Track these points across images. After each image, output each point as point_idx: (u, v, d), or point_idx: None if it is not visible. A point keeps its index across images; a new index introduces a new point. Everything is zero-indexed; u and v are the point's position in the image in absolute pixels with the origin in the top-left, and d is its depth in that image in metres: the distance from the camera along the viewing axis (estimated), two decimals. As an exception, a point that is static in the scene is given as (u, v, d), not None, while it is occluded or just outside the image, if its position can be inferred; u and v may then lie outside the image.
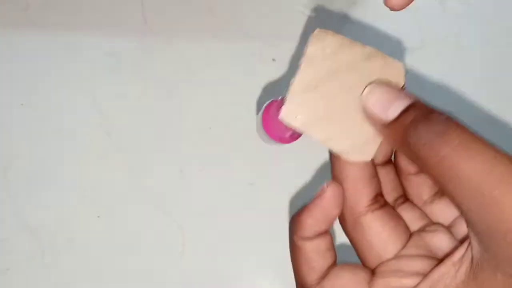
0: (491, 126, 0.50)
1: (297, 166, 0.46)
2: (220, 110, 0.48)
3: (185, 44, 0.50)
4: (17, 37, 0.48)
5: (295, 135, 0.27)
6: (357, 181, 0.24)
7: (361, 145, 0.24)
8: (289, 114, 0.24)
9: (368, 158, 0.24)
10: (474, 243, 0.20)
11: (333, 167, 0.25)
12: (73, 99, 0.47)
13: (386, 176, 0.27)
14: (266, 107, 0.27)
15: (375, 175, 0.25)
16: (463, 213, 0.20)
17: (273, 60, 0.50)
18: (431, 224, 0.26)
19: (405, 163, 0.27)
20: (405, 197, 0.27)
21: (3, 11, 0.49)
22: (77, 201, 0.44)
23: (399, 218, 0.25)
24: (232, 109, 0.48)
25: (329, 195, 0.24)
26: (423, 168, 0.21)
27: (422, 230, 0.26)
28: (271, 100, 0.27)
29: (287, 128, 0.25)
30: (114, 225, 0.44)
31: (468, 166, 0.19)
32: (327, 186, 0.25)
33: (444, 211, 0.26)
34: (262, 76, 0.49)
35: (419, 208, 0.27)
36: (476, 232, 0.20)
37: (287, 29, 0.51)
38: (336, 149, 0.24)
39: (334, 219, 0.25)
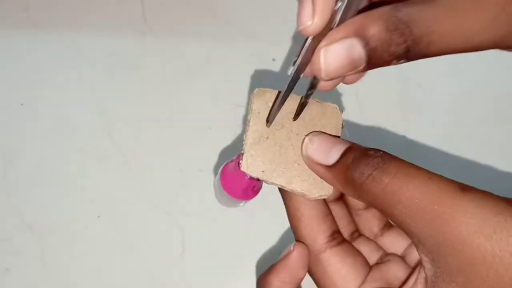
0: (490, 124, 0.50)
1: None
2: (220, 110, 0.48)
3: (185, 44, 0.50)
4: (17, 37, 0.48)
5: (256, 189, 0.28)
6: (313, 219, 0.26)
7: (319, 182, 0.25)
8: (249, 166, 0.25)
9: (329, 192, 0.25)
10: (426, 264, 0.21)
11: (287, 208, 0.27)
12: (73, 99, 0.47)
13: (339, 212, 0.28)
14: (222, 170, 0.28)
15: (329, 213, 0.26)
16: (413, 236, 0.21)
17: (273, 60, 0.50)
18: (386, 255, 0.27)
19: (353, 199, 0.28)
20: (359, 232, 0.29)
21: (4, 12, 0.49)
22: (77, 201, 0.44)
23: (357, 253, 0.26)
24: (232, 109, 0.48)
25: (296, 256, 0.25)
26: (369, 200, 0.22)
27: (379, 262, 0.27)
28: (225, 163, 0.29)
29: (246, 184, 0.27)
30: (114, 225, 0.44)
31: (408, 189, 0.21)
32: (293, 247, 0.25)
33: (394, 242, 0.28)
34: (262, 76, 0.49)
35: (373, 241, 0.28)
36: (427, 251, 0.21)
37: (287, 29, 0.51)
38: (298, 190, 0.25)
39: (301, 280, 0.26)
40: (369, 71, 0.23)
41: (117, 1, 0.50)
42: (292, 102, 0.26)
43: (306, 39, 0.22)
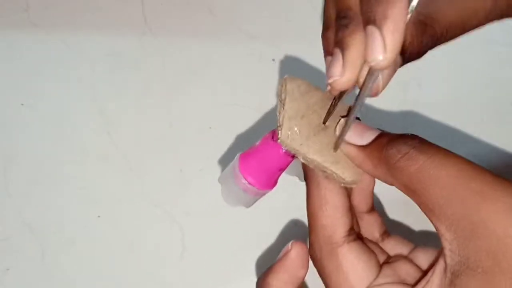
0: (490, 124, 0.50)
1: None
2: (220, 110, 0.48)
3: (185, 44, 0.50)
4: (17, 37, 0.48)
5: (277, 178, 0.28)
6: (338, 209, 0.25)
7: (351, 167, 0.25)
8: (289, 136, 0.25)
9: (359, 178, 0.25)
10: (449, 252, 0.21)
11: (310, 194, 0.26)
12: (73, 99, 0.47)
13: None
14: (241, 157, 0.27)
15: (350, 208, 0.26)
16: (442, 222, 0.21)
17: (273, 60, 0.50)
18: (391, 257, 0.27)
19: (358, 201, 0.28)
20: (361, 234, 0.29)
21: (4, 11, 0.49)
22: (77, 201, 0.44)
23: (371, 251, 0.26)
24: (232, 109, 0.48)
25: (294, 255, 0.25)
26: (402, 179, 0.22)
27: (387, 261, 0.27)
28: (239, 153, 0.28)
29: (278, 163, 0.26)
30: (114, 225, 0.44)
31: (446, 167, 0.21)
32: (291, 246, 0.25)
33: (395, 249, 0.28)
34: (262, 76, 0.49)
35: (376, 243, 0.28)
36: (455, 236, 0.20)
37: (287, 29, 0.51)
38: (333, 169, 0.25)
39: (301, 279, 0.25)
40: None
41: (117, 1, 0.50)
42: (317, 93, 0.27)
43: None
